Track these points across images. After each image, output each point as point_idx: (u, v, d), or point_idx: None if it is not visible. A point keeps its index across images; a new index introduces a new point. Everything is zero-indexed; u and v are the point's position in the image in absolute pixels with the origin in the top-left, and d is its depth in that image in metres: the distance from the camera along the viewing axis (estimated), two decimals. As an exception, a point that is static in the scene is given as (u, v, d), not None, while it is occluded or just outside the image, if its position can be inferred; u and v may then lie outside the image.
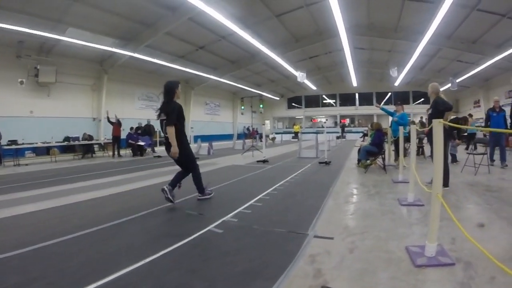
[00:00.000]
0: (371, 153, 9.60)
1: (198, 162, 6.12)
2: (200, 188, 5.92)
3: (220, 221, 4.57)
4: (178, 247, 3.61)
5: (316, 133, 32.32)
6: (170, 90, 5.50)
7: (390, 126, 11.08)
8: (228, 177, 8.64)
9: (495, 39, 18.63)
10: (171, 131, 5.22)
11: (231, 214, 4.89)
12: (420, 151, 13.27)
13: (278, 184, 7.43)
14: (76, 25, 15.95)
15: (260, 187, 7.12)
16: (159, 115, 5.50)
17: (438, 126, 3.23)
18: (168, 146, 5.35)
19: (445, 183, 6.43)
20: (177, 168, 5.89)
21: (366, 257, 3.22)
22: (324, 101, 45.96)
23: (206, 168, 10.87)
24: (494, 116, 10.41)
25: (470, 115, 20.74)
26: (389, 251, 3.35)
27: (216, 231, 4.16)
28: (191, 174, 5.80)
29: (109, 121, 17.47)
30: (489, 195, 5.94)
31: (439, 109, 6.43)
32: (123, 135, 18.04)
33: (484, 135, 17.81)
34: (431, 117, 6.81)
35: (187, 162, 5.72)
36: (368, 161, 9.57)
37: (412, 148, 5.40)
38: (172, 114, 5.29)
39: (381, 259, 3.16)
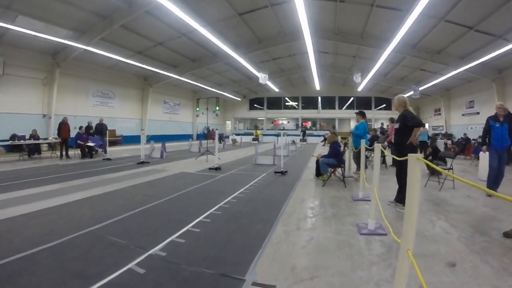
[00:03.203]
0: (331, 165, 9.04)
1: (147, 167, 5.73)
2: None
3: (145, 255, 3.79)
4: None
5: (276, 135, 32.14)
6: None
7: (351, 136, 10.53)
8: (172, 190, 7.75)
9: (460, 51, 18.96)
10: None
11: (160, 245, 4.08)
12: (381, 160, 12.87)
13: (225, 201, 6.61)
14: (27, 14, 14.83)
15: (204, 204, 6.31)
16: None
17: (414, 164, 2.37)
18: None
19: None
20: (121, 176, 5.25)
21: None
22: (287, 103, 45.88)
23: (152, 176, 10.05)
24: (497, 128, 7.45)
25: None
26: (343, 311, 2.66)
27: (136, 271, 3.36)
28: None
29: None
30: (457, 218, 5.44)
31: (407, 124, 5.86)
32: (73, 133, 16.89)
33: (453, 149, 17.54)
34: (398, 132, 6.22)
35: None
36: (328, 173, 9.01)
37: (375, 172, 4.71)
38: None
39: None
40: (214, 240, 4.38)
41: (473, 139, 21.07)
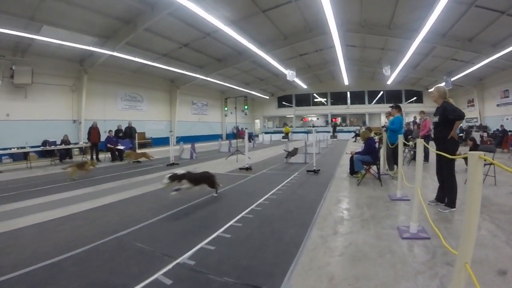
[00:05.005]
0: (365, 163, 8.63)
1: (177, 169, 5.57)
2: None
3: (173, 263, 3.60)
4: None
5: (307, 132, 31.61)
6: None
7: (386, 131, 10.03)
8: (202, 192, 7.44)
9: (492, 37, 18.08)
10: None
11: (189, 253, 3.88)
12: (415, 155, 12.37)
13: (257, 204, 6.34)
14: (51, 23, 15.07)
15: (235, 207, 6.10)
16: None
17: (476, 164, 2.11)
18: None
19: (453, 204, 5.51)
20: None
21: None
22: (315, 100, 45.21)
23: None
24: None
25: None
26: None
27: (163, 282, 3.16)
28: None
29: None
30: (503, 219, 4.98)
31: (448, 117, 5.45)
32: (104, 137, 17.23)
33: (489, 142, 16.79)
34: (437, 126, 5.81)
35: None
36: (363, 171, 8.61)
37: (417, 170, 4.35)
38: None
39: None
40: (245, 247, 4.13)
41: (510, 131, 20.16)
